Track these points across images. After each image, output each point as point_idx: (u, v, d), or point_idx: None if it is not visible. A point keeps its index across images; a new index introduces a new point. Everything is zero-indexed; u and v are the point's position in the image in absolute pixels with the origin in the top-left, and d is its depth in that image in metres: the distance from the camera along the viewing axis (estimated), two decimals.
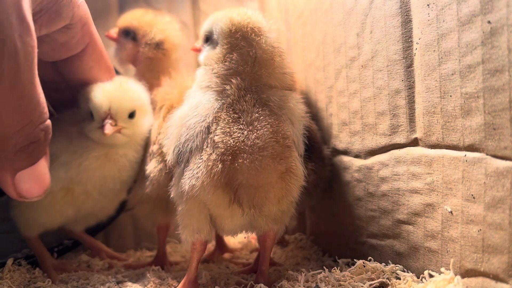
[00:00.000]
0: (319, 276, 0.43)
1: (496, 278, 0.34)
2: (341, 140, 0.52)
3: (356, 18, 0.48)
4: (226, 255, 0.63)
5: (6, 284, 0.46)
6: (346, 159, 0.52)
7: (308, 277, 0.44)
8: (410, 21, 0.42)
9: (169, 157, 0.45)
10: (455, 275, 0.38)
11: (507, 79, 0.32)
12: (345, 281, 0.42)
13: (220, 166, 0.40)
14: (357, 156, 0.50)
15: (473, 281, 0.36)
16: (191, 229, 0.44)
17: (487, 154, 0.34)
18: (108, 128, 0.50)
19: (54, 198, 0.53)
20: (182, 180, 0.42)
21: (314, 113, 0.57)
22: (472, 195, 0.36)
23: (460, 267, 0.37)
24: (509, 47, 0.32)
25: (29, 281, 0.50)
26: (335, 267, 0.45)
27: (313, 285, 0.42)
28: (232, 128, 0.41)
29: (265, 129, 0.41)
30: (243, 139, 0.40)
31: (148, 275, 0.50)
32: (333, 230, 0.56)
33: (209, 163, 0.40)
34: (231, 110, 0.42)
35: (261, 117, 0.41)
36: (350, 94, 0.50)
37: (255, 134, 0.40)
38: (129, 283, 0.48)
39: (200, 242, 0.45)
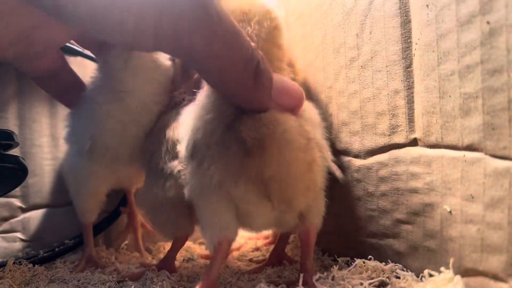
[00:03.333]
0: (318, 275, 0.43)
1: (496, 277, 0.34)
2: (340, 140, 0.53)
3: (355, 18, 0.48)
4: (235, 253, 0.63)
5: (7, 283, 0.46)
6: (345, 159, 0.52)
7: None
8: (409, 21, 0.42)
9: (183, 151, 0.44)
10: (455, 274, 0.38)
11: (506, 79, 0.32)
12: (344, 280, 0.42)
13: (250, 160, 0.40)
14: (356, 156, 0.50)
15: (472, 280, 0.36)
16: (218, 227, 0.43)
17: (486, 154, 0.35)
18: None
19: (87, 161, 0.54)
20: (206, 173, 0.41)
21: None
22: (471, 195, 0.36)
23: (460, 267, 0.37)
24: (508, 47, 0.32)
25: (29, 280, 0.50)
26: (334, 266, 0.46)
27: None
28: (257, 124, 0.40)
29: (289, 125, 0.41)
30: (270, 133, 0.40)
31: (148, 273, 0.50)
32: (333, 229, 0.56)
33: (237, 157, 0.40)
34: None
35: (283, 114, 0.42)
36: (350, 94, 0.50)
37: (281, 128, 0.40)
38: (130, 282, 0.48)
39: (227, 241, 0.43)
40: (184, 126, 0.45)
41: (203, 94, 0.45)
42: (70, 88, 0.57)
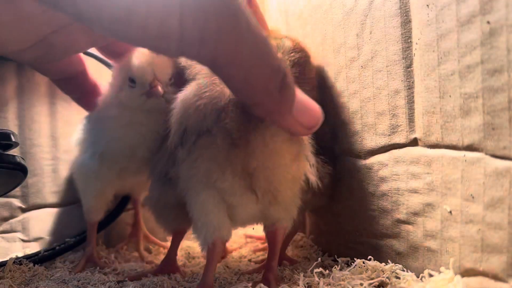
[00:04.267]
0: (318, 272, 0.43)
1: (496, 277, 0.34)
2: (340, 140, 0.53)
3: (355, 18, 0.48)
4: (233, 253, 0.63)
5: (7, 283, 0.46)
6: (345, 159, 0.52)
7: (308, 276, 0.44)
8: (410, 21, 0.42)
9: (172, 138, 0.44)
10: (455, 274, 0.38)
11: (506, 79, 0.32)
12: (344, 280, 0.42)
13: (236, 151, 0.40)
14: (356, 156, 0.50)
15: (472, 280, 0.36)
16: (211, 228, 0.43)
17: (486, 154, 0.35)
18: (160, 89, 0.51)
19: (92, 168, 0.56)
20: (194, 165, 0.42)
21: None
22: (471, 194, 0.36)
23: (460, 267, 0.37)
24: (508, 47, 0.32)
25: (29, 280, 0.50)
26: (335, 266, 0.46)
27: (313, 284, 0.42)
28: (242, 117, 0.41)
29: None
30: (254, 127, 0.41)
31: (148, 273, 0.50)
32: (333, 229, 0.56)
33: (223, 149, 0.40)
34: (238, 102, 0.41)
35: None
36: (350, 94, 0.50)
37: (265, 123, 0.41)
38: (130, 282, 0.48)
39: (221, 241, 0.43)
40: (175, 112, 0.44)
41: (194, 82, 0.44)
42: (87, 93, 0.57)
